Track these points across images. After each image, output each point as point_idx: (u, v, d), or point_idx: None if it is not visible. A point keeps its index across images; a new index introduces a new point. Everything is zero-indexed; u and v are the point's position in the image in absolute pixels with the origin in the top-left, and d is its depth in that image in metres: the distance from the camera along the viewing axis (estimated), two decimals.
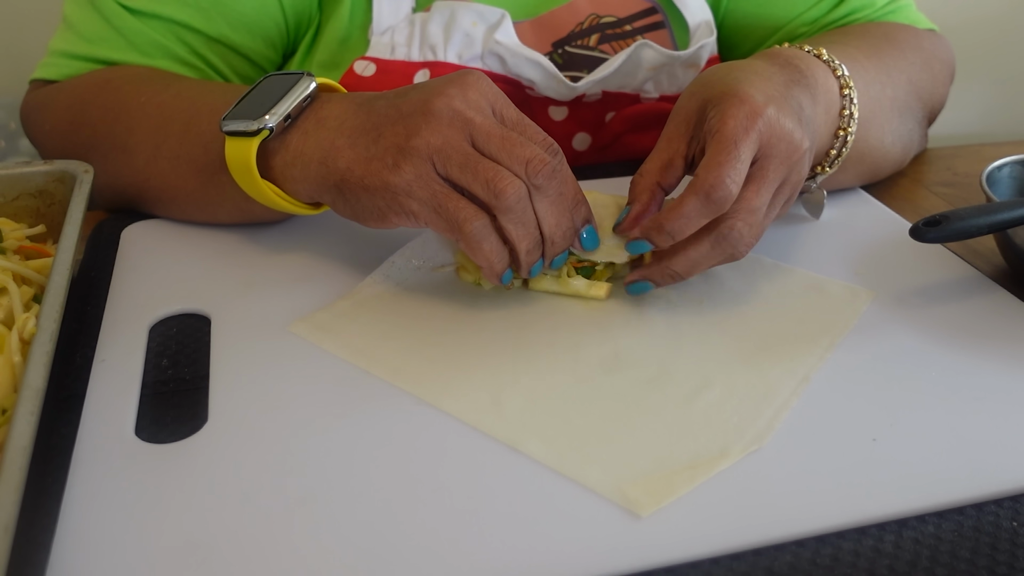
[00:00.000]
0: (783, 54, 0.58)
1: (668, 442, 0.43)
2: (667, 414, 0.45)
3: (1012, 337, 0.52)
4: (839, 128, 0.59)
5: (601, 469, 0.41)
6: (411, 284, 0.55)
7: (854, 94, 0.58)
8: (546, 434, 0.43)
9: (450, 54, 0.68)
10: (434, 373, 0.48)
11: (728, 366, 0.49)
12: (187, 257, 0.58)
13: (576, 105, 0.73)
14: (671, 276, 0.52)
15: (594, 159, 0.76)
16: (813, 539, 0.39)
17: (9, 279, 0.49)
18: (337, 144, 0.50)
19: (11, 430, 0.36)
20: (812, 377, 0.48)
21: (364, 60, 0.68)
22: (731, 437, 0.43)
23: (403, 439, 0.43)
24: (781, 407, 0.45)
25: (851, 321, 0.53)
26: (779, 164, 0.50)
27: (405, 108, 0.49)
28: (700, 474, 0.41)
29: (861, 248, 0.61)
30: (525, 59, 0.68)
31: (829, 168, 0.60)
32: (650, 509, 0.39)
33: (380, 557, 0.37)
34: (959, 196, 0.72)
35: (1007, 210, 0.53)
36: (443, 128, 0.47)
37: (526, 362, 0.49)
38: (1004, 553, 0.38)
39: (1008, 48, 1.35)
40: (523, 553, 0.37)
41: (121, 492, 0.40)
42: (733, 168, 0.48)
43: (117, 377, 0.47)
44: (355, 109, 0.51)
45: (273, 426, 0.44)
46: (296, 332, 0.50)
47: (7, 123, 1.15)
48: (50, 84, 0.68)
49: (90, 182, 0.56)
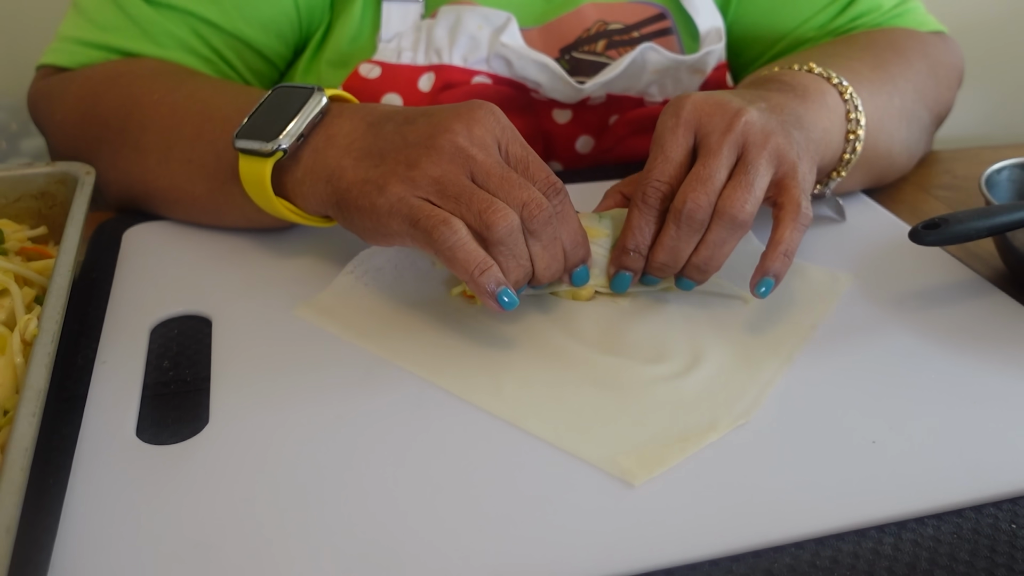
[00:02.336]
0: (764, 76, 0.60)
1: (660, 418, 0.45)
2: (659, 392, 0.47)
3: (1011, 340, 0.52)
4: (848, 132, 0.59)
5: (596, 443, 0.43)
6: (406, 264, 0.57)
7: (857, 100, 0.59)
8: (543, 413, 0.45)
9: (455, 57, 0.69)
10: (435, 355, 0.49)
11: (715, 347, 0.50)
12: (188, 259, 0.58)
13: (580, 108, 0.74)
14: (659, 269, 0.52)
15: (596, 161, 0.77)
16: (812, 541, 0.39)
17: (11, 280, 0.49)
18: (343, 164, 0.50)
19: (13, 431, 0.36)
20: (795, 357, 0.50)
21: (369, 63, 0.69)
22: (720, 412, 0.45)
23: (405, 440, 0.43)
24: (766, 384, 0.47)
25: (832, 303, 0.55)
26: (732, 141, 0.50)
27: (411, 137, 0.49)
28: (691, 446, 0.43)
29: (860, 251, 0.61)
30: (531, 61, 0.68)
31: (844, 171, 0.60)
32: (642, 478, 0.41)
33: (383, 559, 0.37)
34: (958, 199, 0.73)
35: (1006, 213, 0.53)
36: (443, 162, 0.47)
37: (522, 346, 0.50)
38: (1003, 555, 0.39)
39: (1007, 52, 1.35)
40: (524, 555, 0.37)
41: (122, 493, 0.40)
42: (661, 153, 0.51)
43: (118, 379, 0.47)
44: (364, 130, 0.51)
45: (274, 428, 0.44)
46: (301, 316, 0.52)
47: (8, 124, 1.16)
48: (60, 72, 0.68)
49: (92, 184, 0.56)
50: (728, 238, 0.50)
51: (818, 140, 0.55)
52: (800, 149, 0.52)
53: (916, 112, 0.68)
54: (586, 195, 0.62)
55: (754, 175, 0.49)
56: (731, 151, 0.50)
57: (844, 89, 0.59)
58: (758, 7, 0.77)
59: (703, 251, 0.51)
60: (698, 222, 0.49)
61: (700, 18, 0.75)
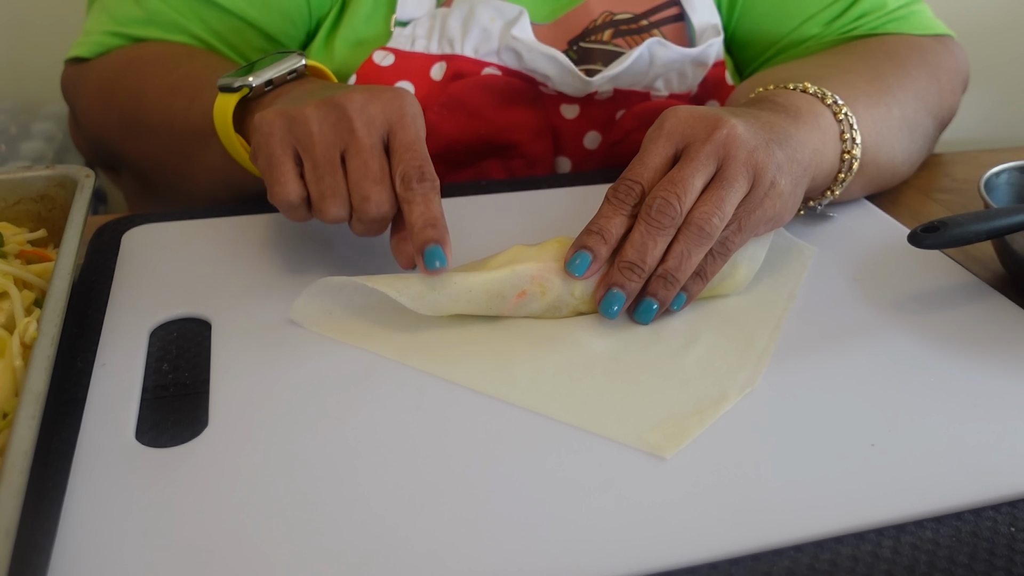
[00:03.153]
0: (759, 95, 0.61)
1: (671, 392, 0.47)
2: (664, 368, 0.49)
3: (1010, 343, 0.52)
4: (843, 152, 0.59)
5: (618, 421, 0.44)
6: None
7: (852, 118, 0.59)
8: (561, 398, 0.46)
9: (467, 48, 0.70)
10: (440, 353, 0.50)
11: (708, 322, 0.52)
12: (188, 262, 0.58)
13: (588, 103, 0.74)
14: (627, 268, 0.50)
15: (605, 157, 0.77)
16: (811, 544, 0.39)
17: (10, 283, 0.49)
18: (276, 107, 0.53)
19: (12, 434, 0.36)
20: (783, 325, 0.53)
21: (383, 51, 0.71)
22: (726, 383, 0.47)
23: (407, 440, 0.43)
24: (763, 352, 0.50)
25: (803, 272, 0.58)
26: (711, 151, 0.50)
27: (323, 94, 0.53)
28: (708, 417, 0.45)
29: (860, 254, 0.61)
30: (541, 54, 0.69)
31: (837, 190, 0.61)
32: (671, 451, 0.42)
33: (383, 561, 0.37)
34: (957, 202, 0.73)
35: (1005, 216, 0.53)
36: (327, 124, 0.51)
37: (523, 338, 0.51)
38: (1001, 558, 0.39)
39: (1006, 55, 1.35)
40: (524, 557, 0.37)
41: (122, 496, 0.40)
42: (639, 159, 0.52)
43: (118, 381, 0.47)
44: (316, 89, 0.55)
45: (274, 430, 0.44)
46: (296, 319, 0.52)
47: (8, 127, 1.16)
48: (84, 62, 0.73)
49: (91, 187, 0.56)
50: (694, 249, 0.50)
51: (807, 161, 0.55)
52: (782, 167, 0.52)
53: (918, 120, 0.68)
54: (593, 196, 0.62)
55: (727, 190, 0.50)
56: (709, 160, 0.50)
57: (839, 109, 0.59)
58: (763, 4, 0.78)
59: (670, 260, 0.50)
60: (668, 219, 0.49)
61: (696, 15, 0.76)
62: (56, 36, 1.02)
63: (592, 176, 0.72)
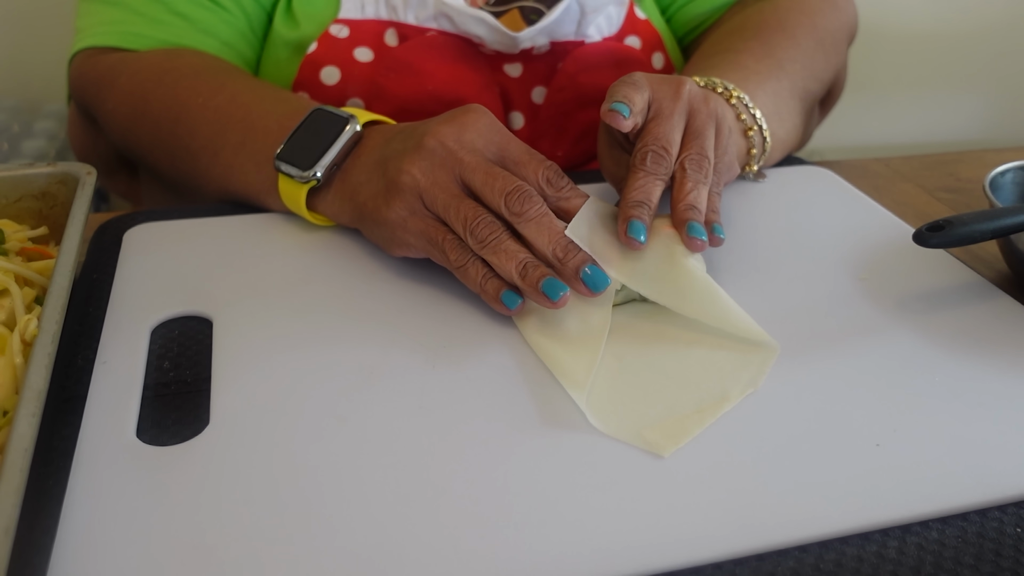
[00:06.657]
0: None
1: (672, 392, 0.47)
2: (666, 368, 0.49)
3: (1016, 342, 0.52)
4: (746, 129, 0.64)
5: (618, 419, 0.44)
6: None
7: (745, 98, 0.64)
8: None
9: (409, 16, 0.73)
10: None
11: (704, 325, 0.52)
12: (189, 260, 0.58)
13: (528, 60, 0.77)
14: (636, 205, 0.52)
15: (554, 105, 0.78)
16: (816, 544, 0.39)
17: (11, 281, 0.49)
18: (360, 180, 0.56)
19: (12, 432, 0.36)
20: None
21: (338, 24, 0.73)
22: (728, 383, 0.47)
23: (408, 439, 0.43)
24: (767, 353, 0.49)
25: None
26: (681, 108, 0.56)
27: (409, 144, 0.53)
28: (708, 416, 0.45)
29: (864, 253, 0.61)
30: (469, 16, 0.72)
31: (756, 166, 0.67)
32: (670, 450, 0.42)
33: (385, 561, 0.37)
34: (962, 202, 0.72)
35: (1010, 215, 0.53)
36: (433, 168, 0.52)
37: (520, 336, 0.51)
38: (1008, 559, 0.38)
39: (1010, 55, 1.35)
40: (524, 557, 0.37)
41: (122, 495, 0.40)
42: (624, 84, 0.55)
43: (118, 379, 0.47)
44: (381, 144, 0.56)
45: (275, 429, 0.44)
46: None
47: (10, 125, 1.16)
48: (99, 52, 0.72)
49: (93, 185, 0.56)
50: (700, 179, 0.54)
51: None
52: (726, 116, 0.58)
53: (808, 88, 0.73)
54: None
55: (703, 142, 0.55)
56: (680, 117, 0.55)
57: (730, 95, 0.64)
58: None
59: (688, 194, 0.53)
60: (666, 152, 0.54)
61: None
62: (58, 34, 1.02)
63: (587, 176, 0.72)
